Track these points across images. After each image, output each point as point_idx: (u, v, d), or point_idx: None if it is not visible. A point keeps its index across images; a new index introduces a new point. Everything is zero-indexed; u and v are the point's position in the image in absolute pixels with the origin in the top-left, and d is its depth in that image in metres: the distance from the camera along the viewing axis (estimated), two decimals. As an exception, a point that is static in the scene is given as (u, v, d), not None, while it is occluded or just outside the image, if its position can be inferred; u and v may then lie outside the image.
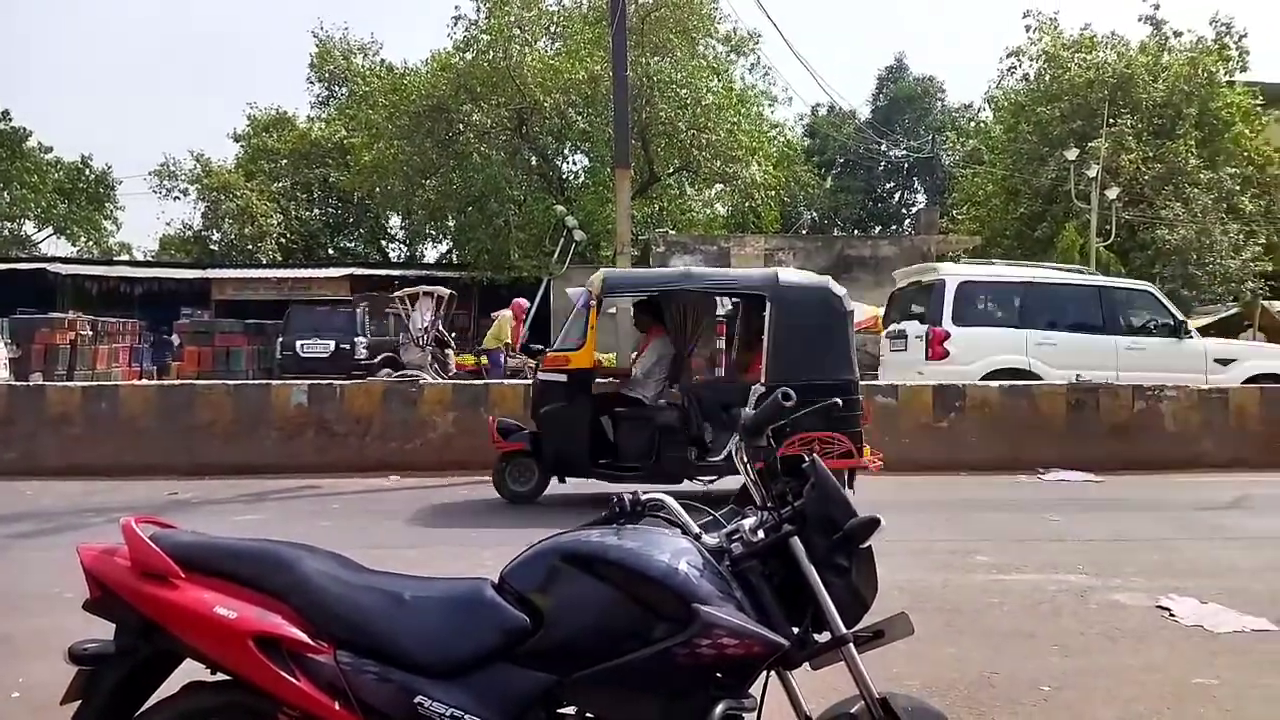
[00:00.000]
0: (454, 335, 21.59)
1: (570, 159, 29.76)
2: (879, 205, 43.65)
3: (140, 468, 9.09)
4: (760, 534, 2.20)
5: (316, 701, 1.95)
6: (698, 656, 2.00)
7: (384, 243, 37.94)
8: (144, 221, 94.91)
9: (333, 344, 18.48)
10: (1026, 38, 25.98)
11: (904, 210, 43.60)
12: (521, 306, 15.81)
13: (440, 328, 15.79)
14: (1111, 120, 21.97)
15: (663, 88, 24.24)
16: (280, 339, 19.12)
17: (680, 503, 2.30)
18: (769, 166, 26.78)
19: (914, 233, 29.21)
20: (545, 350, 8.75)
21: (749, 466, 2.34)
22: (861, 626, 2.24)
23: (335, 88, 36.03)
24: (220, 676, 2.07)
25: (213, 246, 34.74)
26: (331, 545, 2.28)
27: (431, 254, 37.20)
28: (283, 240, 33.16)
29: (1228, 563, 5.26)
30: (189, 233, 36.37)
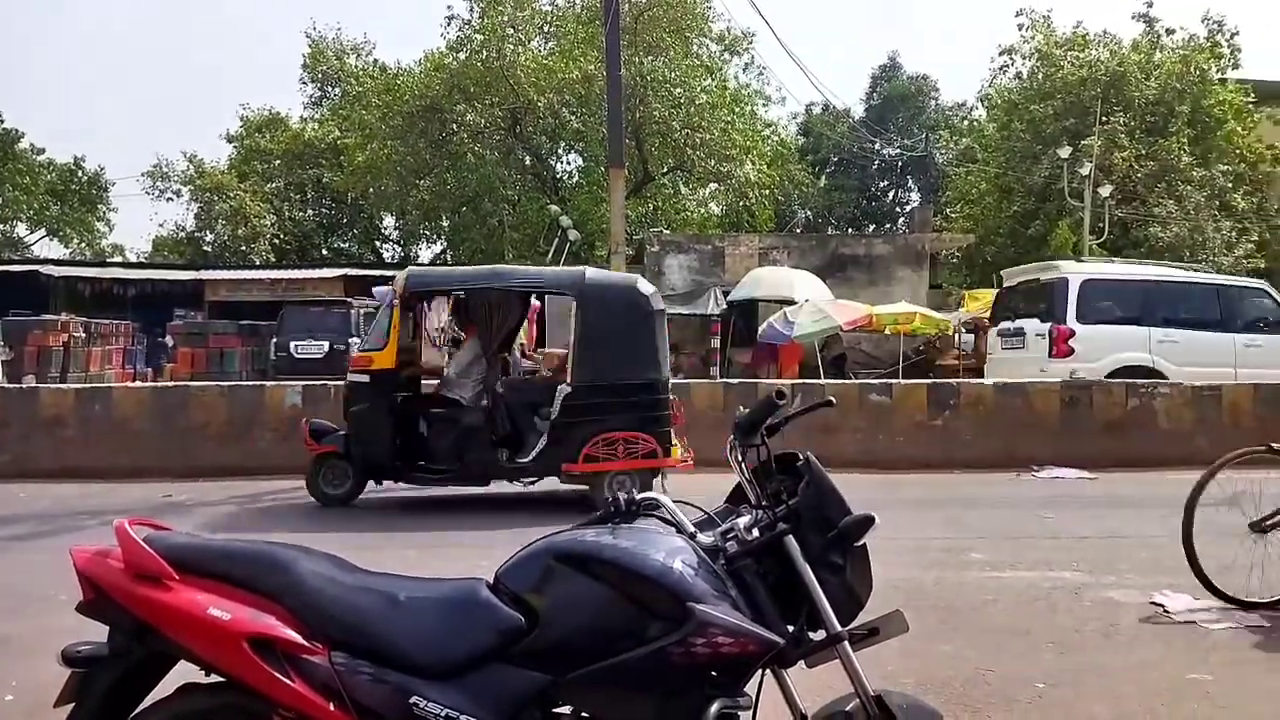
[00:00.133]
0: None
1: (564, 159, 29.80)
2: (873, 204, 43.74)
3: (134, 470, 9.06)
4: (755, 532, 2.20)
5: (311, 703, 1.95)
6: (693, 655, 2.00)
7: (378, 243, 37.92)
8: (137, 223, 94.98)
9: (327, 345, 18.41)
10: (1019, 36, 26.07)
11: (898, 209, 43.68)
12: (533, 308, 15.79)
13: (455, 328, 15.75)
14: (1104, 118, 22.02)
15: (656, 87, 24.23)
16: (274, 340, 19.05)
17: (675, 502, 2.30)
18: (763, 165, 26.79)
19: (908, 231, 29.21)
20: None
21: (743, 465, 2.34)
22: (856, 624, 2.24)
23: (328, 88, 35.99)
24: (214, 678, 2.06)
25: (206, 248, 34.67)
26: (326, 546, 2.27)
27: (426, 254, 37.23)
28: (276, 241, 33.10)
29: (1221, 560, 5.25)
30: (182, 234, 36.32)
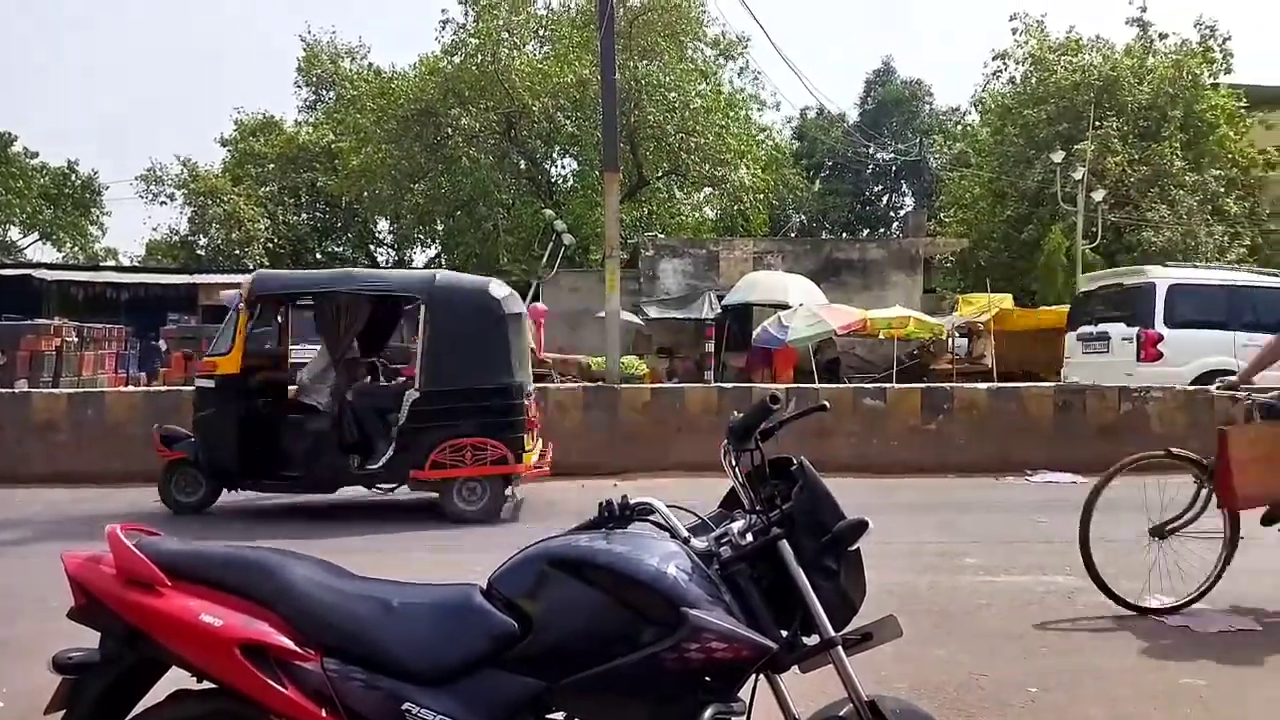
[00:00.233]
0: None
1: (559, 163, 29.82)
2: (867, 208, 43.82)
3: (126, 474, 9.01)
4: (749, 537, 2.20)
5: (303, 709, 1.94)
6: (686, 660, 1.99)
7: (372, 247, 37.87)
8: (130, 227, 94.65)
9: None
10: (1013, 40, 26.15)
11: (892, 213, 43.78)
12: (540, 311, 15.76)
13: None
14: (1097, 123, 22.10)
15: (651, 91, 24.26)
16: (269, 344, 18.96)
17: (669, 506, 2.30)
18: (757, 170, 26.82)
19: (902, 235, 29.30)
20: None
21: (737, 470, 2.34)
22: (850, 629, 2.24)
23: (323, 92, 35.96)
24: (206, 685, 2.05)
25: (199, 251, 34.60)
26: (319, 551, 2.27)
27: (420, 258, 37.20)
28: (270, 245, 33.03)
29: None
30: (175, 238, 36.24)
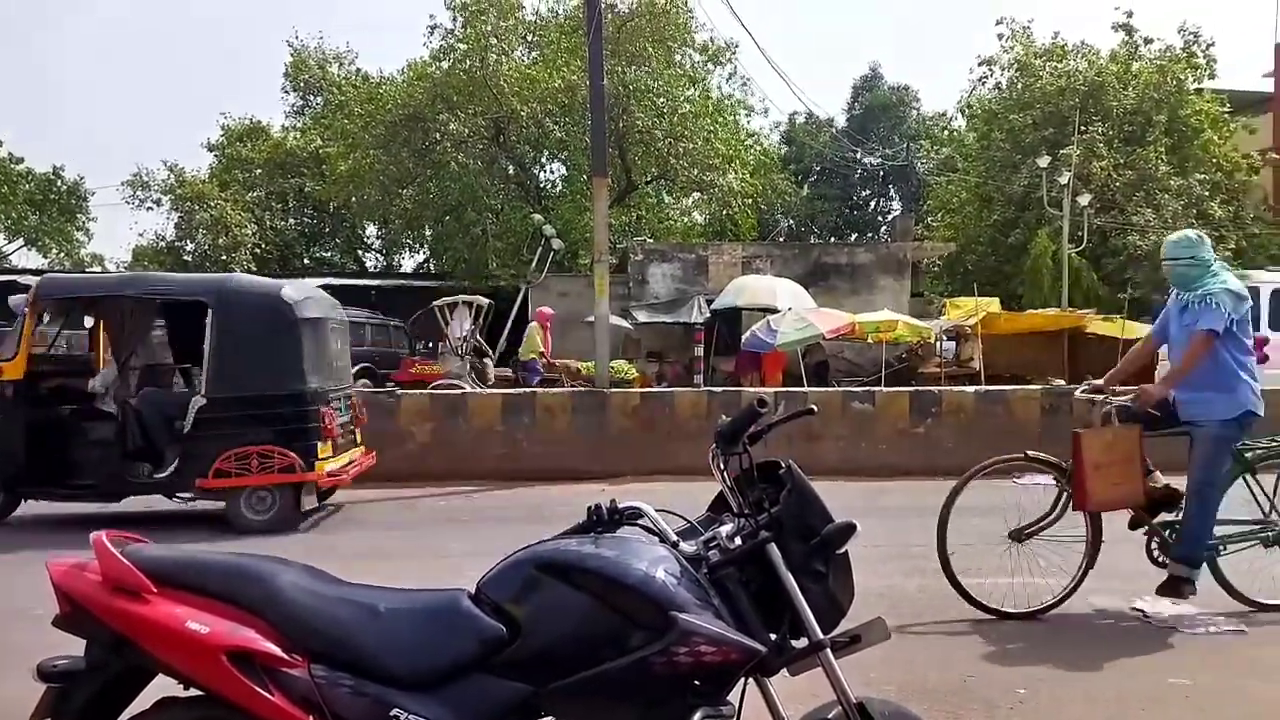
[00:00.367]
0: (427, 345, 21.44)
1: (547, 168, 29.77)
2: (855, 213, 43.92)
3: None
4: (738, 541, 2.21)
5: (291, 716, 1.94)
6: (675, 664, 2.00)
7: (360, 252, 37.76)
8: (117, 232, 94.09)
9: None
10: (1000, 46, 26.27)
11: (880, 218, 43.88)
12: (546, 315, 15.69)
13: (478, 337, 15.70)
14: (1083, 128, 22.22)
15: (639, 96, 24.28)
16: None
17: (658, 510, 2.30)
18: (746, 174, 26.85)
19: (890, 240, 29.40)
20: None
21: (725, 473, 2.35)
22: (838, 632, 2.25)
23: (310, 97, 35.83)
24: (193, 692, 2.04)
25: (186, 257, 34.37)
26: (306, 558, 2.26)
27: (408, 263, 37.13)
28: (258, 250, 32.87)
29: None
30: (162, 243, 35.99)
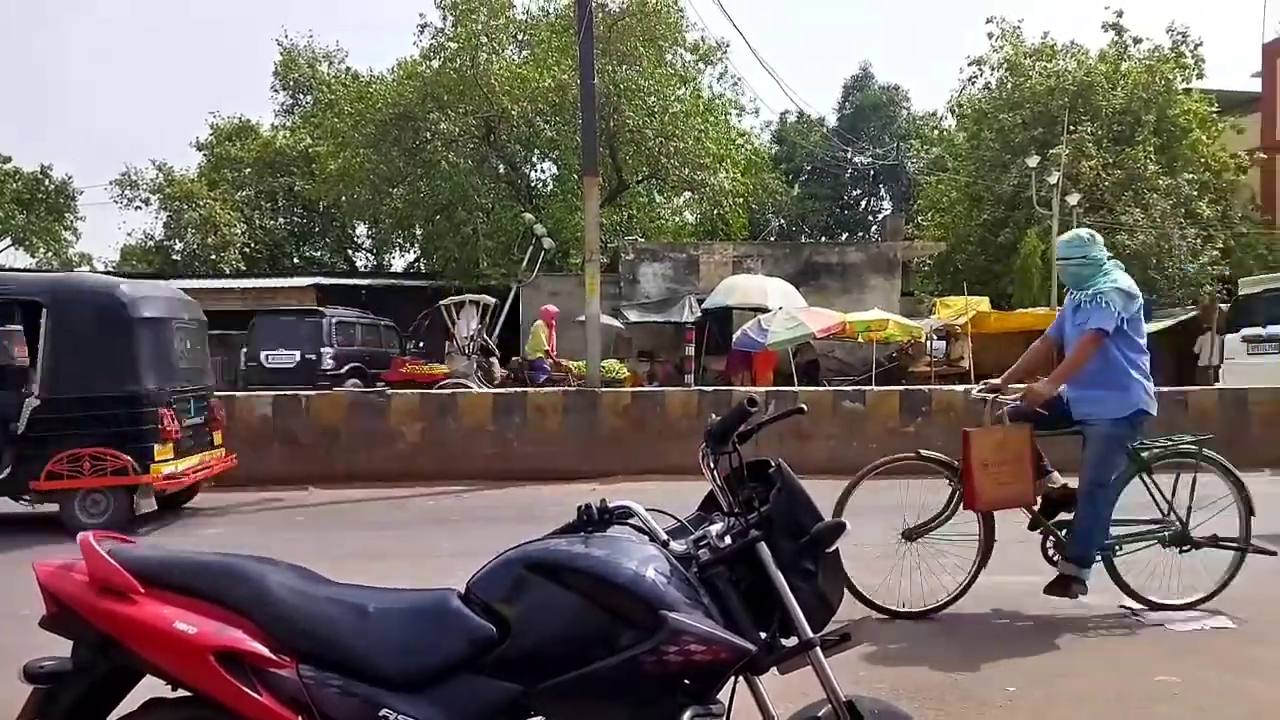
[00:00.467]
0: (418, 345, 21.39)
1: (538, 167, 29.73)
2: (845, 212, 43.99)
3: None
4: (727, 540, 2.21)
5: (279, 716, 1.93)
6: (665, 663, 1.99)
7: (351, 252, 37.64)
8: (105, 232, 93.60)
9: (299, 354, 18.21)
10: (989, 45, 26.33)
11: (870, 217, 43.95)
12: (551, 313, 15.65)
13: (485, 336, 15.68)
14: (1072, 127, 22.30)
15: (630, 96, 24.26)
16: (244, 350, 18.84)
17: (648, 510, 2.30)
18: (737, 174, 26.86)
19: (880, 239, 29.46)
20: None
21: (715, 472, 2.35)
22: (828, 630, 2.25)
23: (300, 96, 35.70)
24: (181, 693, 2.03)
25: (175, 256, 34.23)
26: (296, 558, 2.25)
27: (399, 263, 37.03)
28: (247, 250, 32.76)
29: (1188, 562, 5.32)
30: (151, 243, 35.84)
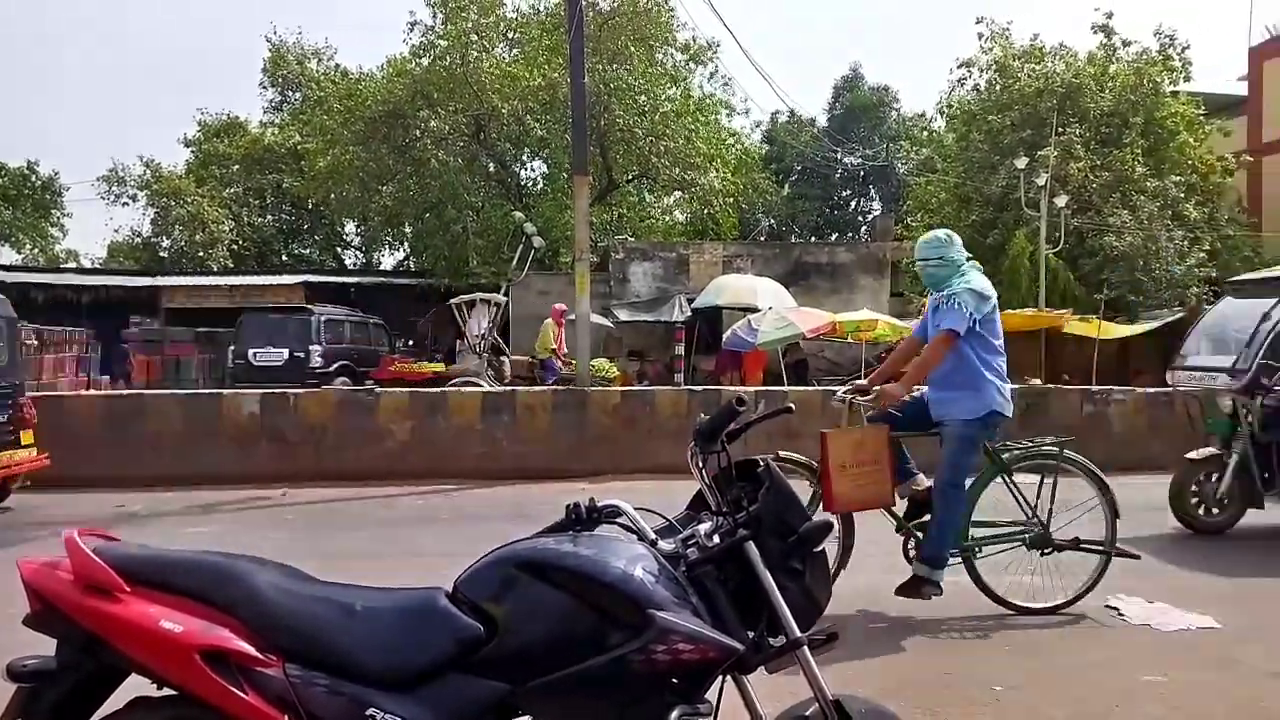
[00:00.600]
0: (407, 343, 21.36)
1: (528, 165, 29.67)
2: (835, 212, 44.08)
3: (87, 479, 8.87)
4: (716, 539, 2.21)
5: (265, 715, 1.92)
6: (653, 662, 1.99)
7: (339, 249, 37.49)
8: (92, 228, 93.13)
9: (287, 352, 18.12)
10: (979, 47, 26.39)
11: (860, 217, 44.06)
12: (560, 311, 15.60)
13: (495, 335, 15.67)
14: (1060, 129, 22.39)
15: (621, 95, 24.23)
16: (232, 347, 18.76)
17: (637, 509, 2.30)
18: (727, 174, 26.88)
19: (870, 239, 29.54)
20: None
21: (704, 472, 2.35)
22: (815, 630, 2.25)
23: (289, 93, 35.55)
24: (166, 692, 2.02)
25: (162, 253, 34.03)
26: (283, 557, 2.24)
27: (388, 260, 36.92)
28: (235, 247, 32.60)
29: (1174, 562, 5.39)
30: (138, 239, 35.65)
